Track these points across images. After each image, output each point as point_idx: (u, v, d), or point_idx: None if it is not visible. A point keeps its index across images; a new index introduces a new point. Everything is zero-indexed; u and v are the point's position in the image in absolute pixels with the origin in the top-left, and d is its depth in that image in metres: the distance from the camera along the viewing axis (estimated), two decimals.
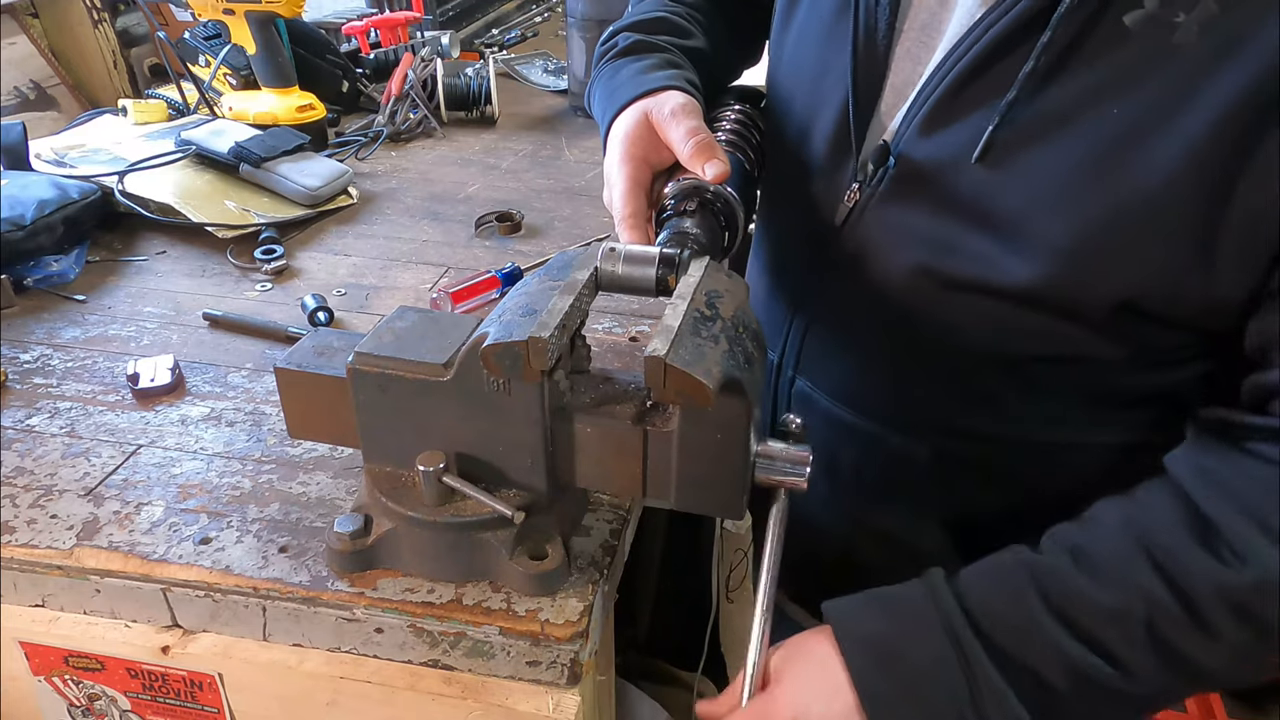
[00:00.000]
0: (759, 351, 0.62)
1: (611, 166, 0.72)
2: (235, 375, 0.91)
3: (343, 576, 0.67)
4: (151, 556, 0.69)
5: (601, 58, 0.82)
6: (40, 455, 0.80)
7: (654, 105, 0.70)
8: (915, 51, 0.66)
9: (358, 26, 1.76)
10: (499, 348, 0.57)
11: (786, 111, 0.78)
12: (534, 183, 1.39)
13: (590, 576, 0.68)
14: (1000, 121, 0.59)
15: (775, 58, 0.82)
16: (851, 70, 0.67)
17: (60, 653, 0.71)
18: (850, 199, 0.71)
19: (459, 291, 1.03)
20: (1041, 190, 0.59)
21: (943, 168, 0.63)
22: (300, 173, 1.25)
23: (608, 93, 0.76)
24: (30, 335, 0.97)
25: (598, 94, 0.80)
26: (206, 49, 1.48)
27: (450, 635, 0.65)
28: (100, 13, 1.56)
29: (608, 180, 0.73)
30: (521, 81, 1.85)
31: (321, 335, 0.72)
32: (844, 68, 0.68)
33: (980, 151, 0.60)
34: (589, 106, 0.82)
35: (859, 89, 0.68)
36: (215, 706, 0.71)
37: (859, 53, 0.67)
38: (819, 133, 0.73)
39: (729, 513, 0.64)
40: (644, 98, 0.72)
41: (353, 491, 0.76)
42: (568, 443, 0.64)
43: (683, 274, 0.63)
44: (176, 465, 0.79)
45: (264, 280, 1.09)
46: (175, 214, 1.17)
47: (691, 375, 0.54)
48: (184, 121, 1.41)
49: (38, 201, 1.09)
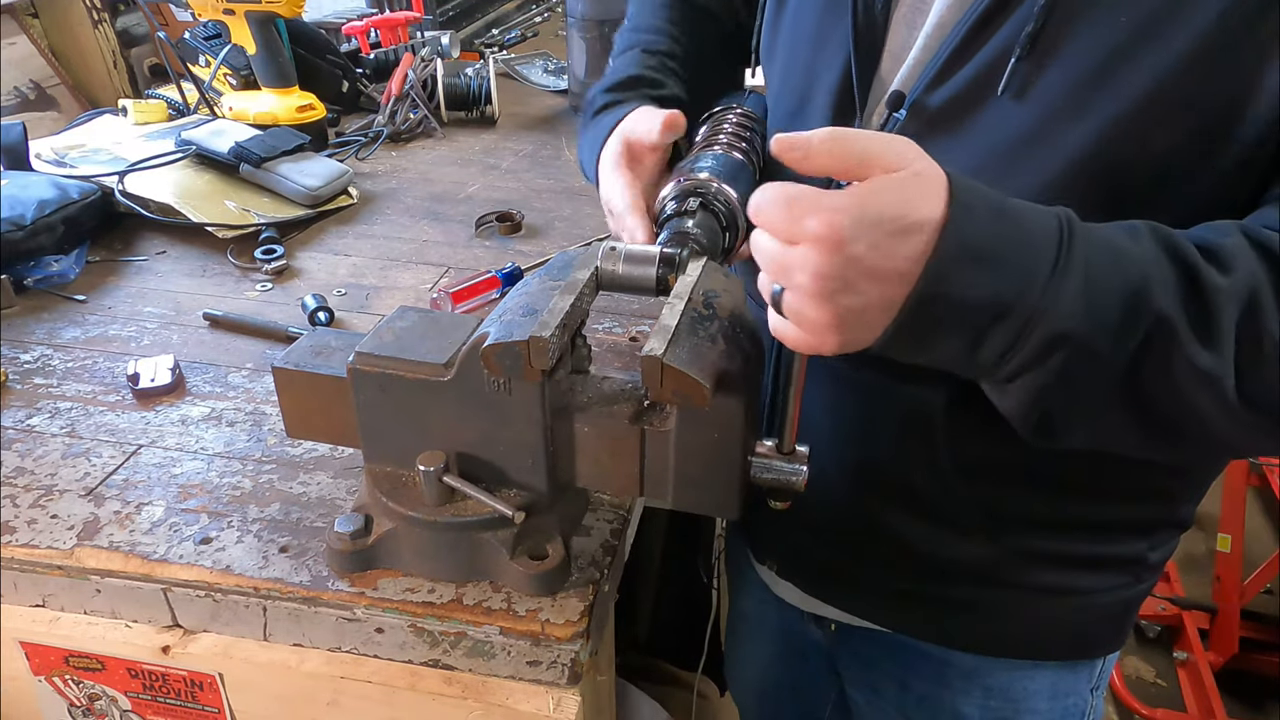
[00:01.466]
0: (756, 351, 0.62)
1: (605, 184, 0.77)
2: (235, 375, 0.91)
3: (343, 576, 0.67)
4: (152, 556, 0.69)
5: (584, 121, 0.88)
6: (41, 455, 0.80)
7: (626, 124, 0.77)
8: (910, 17, 0.68)
9: (358, 26, 1.76)
10: (500, 348, 0.57)
11: (782, 91, 0.80)
12: (534, 183, 1.39)
13: (591, 576, 0.68)
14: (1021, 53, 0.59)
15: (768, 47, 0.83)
16: (853, 38, 0.69)
17: (60, 653, 0.71)
18: None
19: (459, 291, 1.03)
20: (1060, 106, 0.59)
21: (962, 105, 0.63)
22: (300, 173, 1.25)
23: (590, 142, 0.82)
24: (30, 335, 0.97)
25: (583, 148, 0.85)
26: (206, 49, 1.48)
27: (451, 635, 0.65)
28: (100, 13, 1.56)
29: (606, 202, 0.76)
30: (521, 81, 1.85)
31: (319, 335, 0.72)
32: (844, 36, 0.70)
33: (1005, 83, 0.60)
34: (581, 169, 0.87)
35: (860, 54, 0.69)
36: (215, 706, 0.71)
37: (859, 22, 0.69)
38: (819, 100, 0.74)
39: (726, 512, 0.64)
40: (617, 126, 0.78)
41: (353, 491, 0.76)
42: (568, 442, 0.65)
43: (681, 274, 0.63)
44: (177, 465, 0.79)
45: (264, 280, 1.09)
46: (175, 214, 1.17)
47: (688, 375, 0.54)
48: (184, 121, 1.41)
49: (38, 201, 1.09)
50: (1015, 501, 0.73)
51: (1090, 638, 0.83)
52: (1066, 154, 0.59)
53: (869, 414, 0.76)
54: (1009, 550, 0.76)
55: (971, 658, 0.83)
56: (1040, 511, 0.74)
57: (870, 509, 0.79)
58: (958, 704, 0.86)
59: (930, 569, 0.78)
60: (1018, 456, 0.70)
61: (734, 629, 1.18)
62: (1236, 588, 2.00)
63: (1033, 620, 0.80)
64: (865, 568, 0.82)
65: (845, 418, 0.77)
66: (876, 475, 0.77)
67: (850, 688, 0.98)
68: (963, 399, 0.68)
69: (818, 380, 0.74)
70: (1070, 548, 0.76)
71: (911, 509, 0.76)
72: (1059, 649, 0.83)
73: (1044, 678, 0.84)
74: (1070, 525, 0.75)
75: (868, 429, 0.76)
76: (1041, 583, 0.77)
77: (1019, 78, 0.60)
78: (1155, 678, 2.14)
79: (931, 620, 0.82)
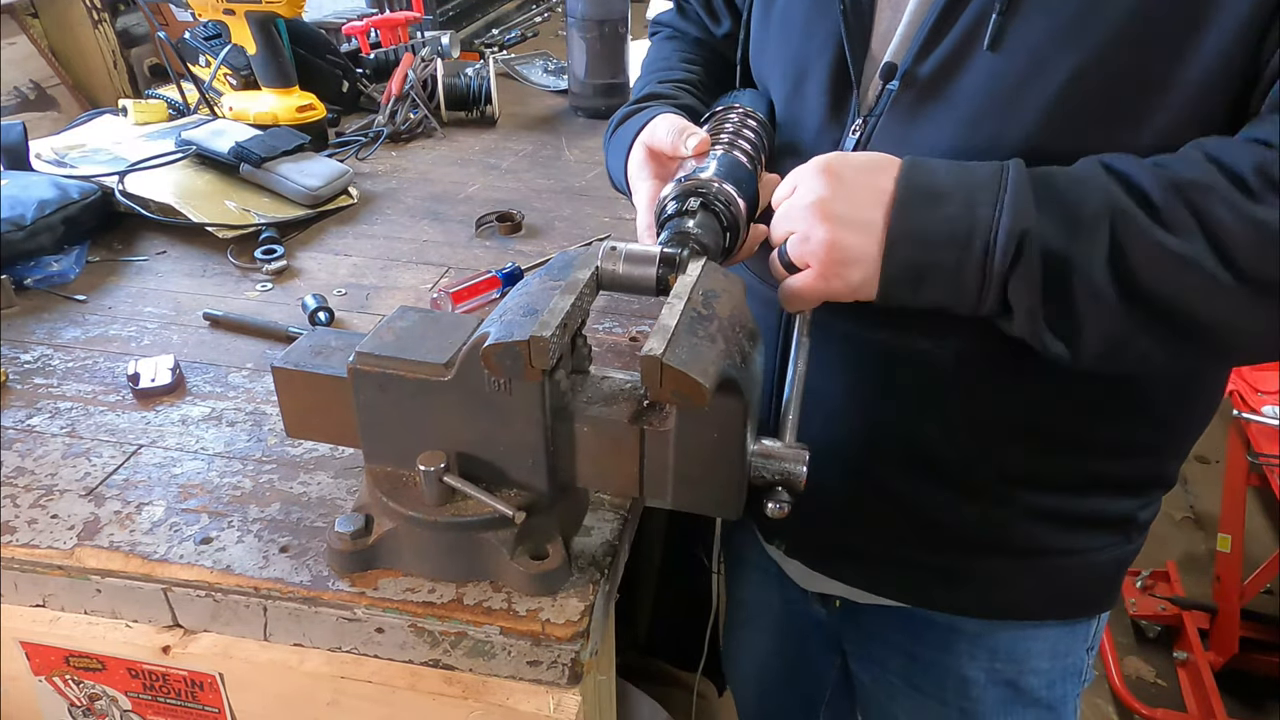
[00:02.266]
0: (755, 351, 0.62)
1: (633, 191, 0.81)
2: (236, 375, 0.92)
3: (343, 576, 0.67)
4: (152, 556, 0.69)
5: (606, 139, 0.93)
6: (41, 455, 0.80)
7: (646, 133, 0.81)
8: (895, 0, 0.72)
9: (358, 26, 1.76)
10: (500, 347, 0.57)
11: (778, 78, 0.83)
12: (534, 183, 1.39)
13: (591, 576, 0.68)
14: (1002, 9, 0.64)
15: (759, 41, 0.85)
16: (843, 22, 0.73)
17: (61, 653, 0.71)
18: (855, 132, 0.74)
19: (459, 291, 1.03)
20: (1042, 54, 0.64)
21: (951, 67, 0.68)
22: (300, 173, 1.25)
23: (615, 154, 0.87)
24: (31, 335, 0.97)
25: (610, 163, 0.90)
26: (206, 49, 1.48)
27: (451, 635, 0.65)
28: (100, 13, 1.56)
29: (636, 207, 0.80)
30: (521, 81, 1.85)
31: (319, 335, 0.72)
32: (834, 22, 0.74)
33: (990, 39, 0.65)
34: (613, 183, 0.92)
35: (851, 36, 0.73)
36: (216, 706, 0.71)
37: (846, 8, 0.73)
38: (815, 83, 0.77)
39: (726, 512, 0.64)
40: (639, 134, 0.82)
41: (353, 491, 0.76)
42: (568, 442, 0.64)
43: (681, 274, 0.63)
44: (177, 465, 0.79)
45: (264, 280, 1.09)
46: (175, 214, 1.17)
47: (688, 375, 0.54)
48: (184, 121, 1.41)
49: (38, 201, 1.09)
50: (1018, 457, 0.77)
51: (1088, 597, 0.87)
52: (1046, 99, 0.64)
53: (882, 376, 0.78)
54: (1013, 510, 0.79)
55: (976, 622, 0.86)
56: (1041, 469, 0.77)
57: (882, 474, 0.81)
58: (964, 668, 0.89)
59: (939, 536, 0.81)
60: (1021, 411, 0.75)
61: (732, 618, 1.19)
62: (1236, 588, 2.00)
63: (1035, 581, 0.83)
64: (874, 539, 0.84)
65: (859, 381, 0.79)
66: (889, 438, 0.80)
67: (855, 664, 0.99)
68: (970, 356, 0.72)
69: (831, 349, 0.77)
70: (1069, 504, 0.79)
71: (923, 472, 0.79)
72: (1060, 608, 0.86)
73: (1045, 638, 0.88)
74: (1068, 482, 0.78)
75: (882, 390, 0.79)
76: (1044, 543, 0.80)
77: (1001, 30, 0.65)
78: (1155, 678, 2.14)
79: (940, 588, 0.84)
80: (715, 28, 0.97)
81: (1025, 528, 0.80)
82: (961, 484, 0.78)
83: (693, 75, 0.94)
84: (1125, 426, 0.76)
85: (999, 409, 0.75)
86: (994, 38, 0.65)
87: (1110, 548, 0.83)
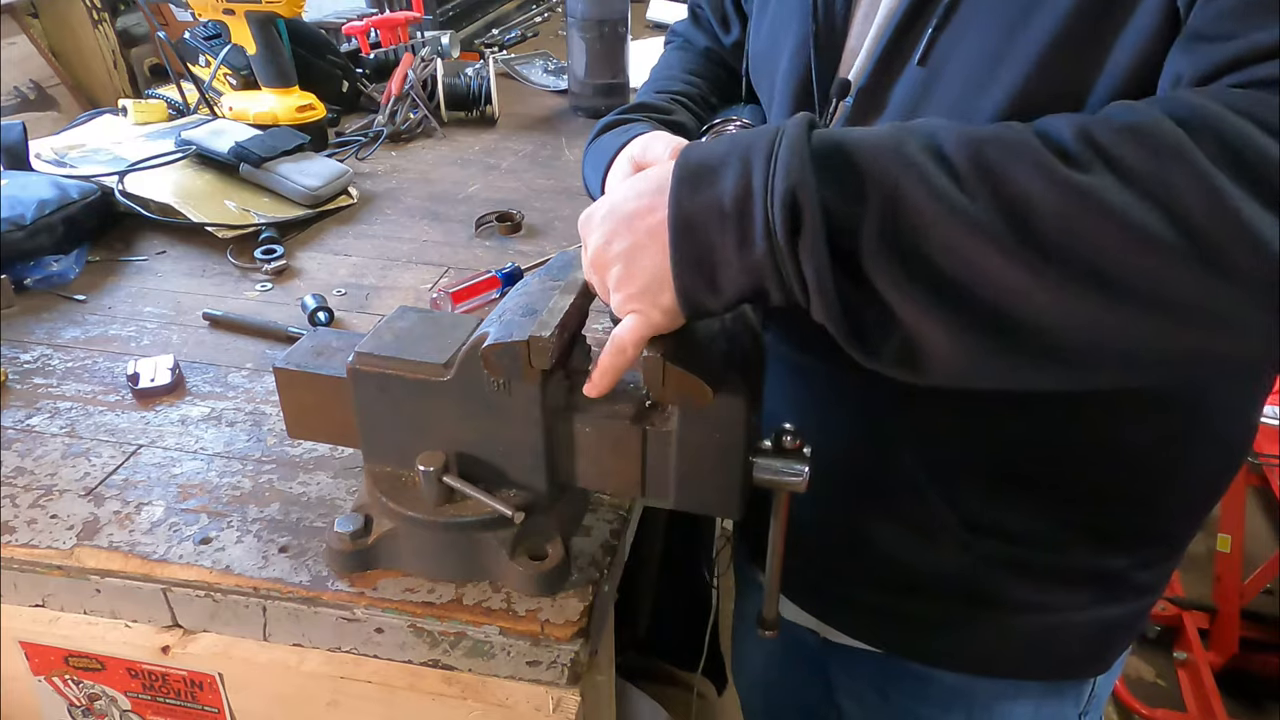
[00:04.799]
0: (758, 351, 0.62)
1: None
2: (235, 375, 0.91)
3: (343, 576, 0.67)
4: (152, 556, 0.69)
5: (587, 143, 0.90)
6: (40, 455, 0.80)
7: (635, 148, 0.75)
8: (869, 13, 0.71)
9: (358, 26, 1.75)
10: (499, 347, 0.57)
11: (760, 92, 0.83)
12: (534, 183, 1.39)
13: (590, 576, 0.68)
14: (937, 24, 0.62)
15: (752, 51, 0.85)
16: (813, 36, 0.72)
17: (60, 652, 0.71)
18: None
19: (459, 291, 1.03)
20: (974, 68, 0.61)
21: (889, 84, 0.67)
22: (300, 173, 1.25)
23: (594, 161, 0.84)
24: (30, 335, 0.97)
25: (587, 166, 0.88)
26: (206, 49, 1.48)
27: (450, 635, 0.65)
28: (100, 13, 1.56)
29: None
30: (521, 81, 1.85)
31: (320, 335, 0.72)
32: (806, 34, 0.73)
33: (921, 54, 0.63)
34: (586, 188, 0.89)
35: (820, 53, 0.72)
36: (215, 706, 0.71)
37: (819, 20, 0.72)
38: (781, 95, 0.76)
39: (727, 513, 0.64)
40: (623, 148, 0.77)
41: (353, 491, 0.76)
42: (568, 442, 0.64)
43: None
44: (177, 465, 0.79)
45: (264, 280, 1.09)
46: (175, 214, 1.17)
47: (690, 375, 0.54)
48: (184, 121, 1.41)
49: (38, 201, 1.09)
50: (979, 504, 0.72)
51: (1070, 658, 0.81)
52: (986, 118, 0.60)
53: (826, 409, 0.76)
54: (981, 559, 0.74)
55: (952, 676, 0.82)
56: (1005, 517, 0.72)
57: (850, 514, 0.78)
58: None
59: (909, 583, 0.78)
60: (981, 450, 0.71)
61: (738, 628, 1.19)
62: (1236, 588, 2.00)
63: (1008, 638, 0.79)
64: (845, 581, 0.82)
65: (808, 413, 0.74)
66: (849, 476, 0.76)
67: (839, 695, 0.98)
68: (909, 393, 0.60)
69: (777, 374, 0.73)
70: (1039, 556, 0.74)
71: (886, 514, 0.76)
72: (1037, 669, 0.81)
73: (1027, 699, 0.83)
74: (1037, 530, 0.73)
75: (831, 425, 0.75)
76: (1015, 598, 0.76)
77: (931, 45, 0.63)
78: (1155, 678, 2.14)
79: (911, 638, 0.81)
80: (725, 36, 0.96)
81: (994, 578, 0.75)
82: (924, 529, 0.74)
83: (692, 89, 0.93)
84: (1098, 470, 0.70)
85: (957, 447, 0.71)
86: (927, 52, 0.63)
87: (1091, 607, 0.77)
